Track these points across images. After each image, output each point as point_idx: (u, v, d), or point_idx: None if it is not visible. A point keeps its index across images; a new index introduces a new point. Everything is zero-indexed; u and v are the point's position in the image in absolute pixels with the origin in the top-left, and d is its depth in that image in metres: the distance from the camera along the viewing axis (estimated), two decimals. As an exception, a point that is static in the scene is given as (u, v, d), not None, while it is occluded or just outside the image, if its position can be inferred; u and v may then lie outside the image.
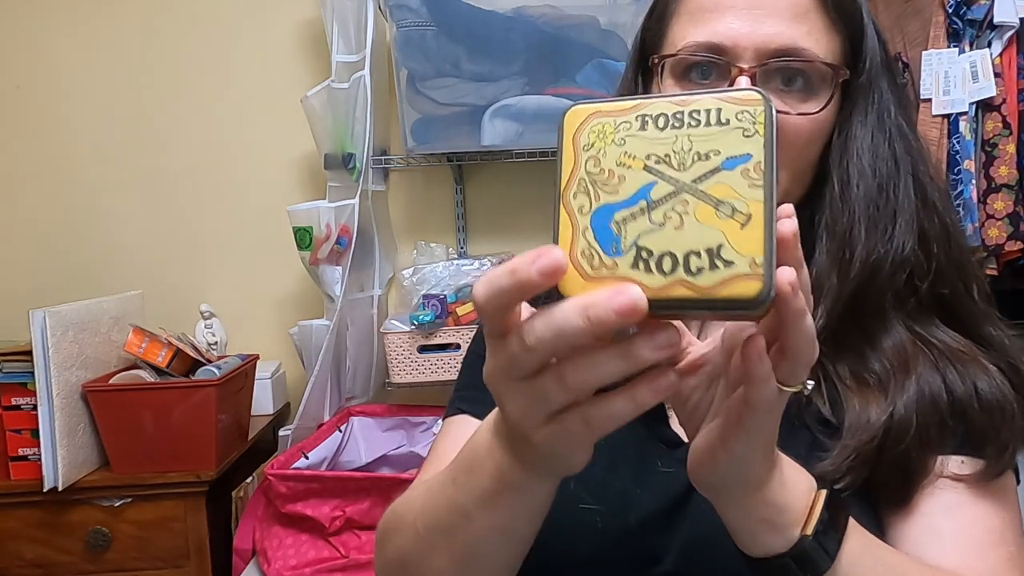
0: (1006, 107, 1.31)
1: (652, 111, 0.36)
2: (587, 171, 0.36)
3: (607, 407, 0.36)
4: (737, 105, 0.35)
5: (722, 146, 0.35)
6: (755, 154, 0.34)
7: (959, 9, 1.33)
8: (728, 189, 0.34)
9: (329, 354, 1.66)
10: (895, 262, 0.60)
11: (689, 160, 0.35)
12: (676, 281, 0.34)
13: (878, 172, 0.61)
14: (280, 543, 1.48)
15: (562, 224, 0.36)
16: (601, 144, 0.36)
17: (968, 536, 0.54)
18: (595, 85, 1.64)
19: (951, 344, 0.59)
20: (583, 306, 0.32)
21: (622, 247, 0.35)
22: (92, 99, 1.98)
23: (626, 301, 0.32)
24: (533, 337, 0.34)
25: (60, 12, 1.96)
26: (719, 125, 0.35)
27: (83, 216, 2.01)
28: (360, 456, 1.78)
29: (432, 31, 1.62)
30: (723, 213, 0.34)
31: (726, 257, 0.33)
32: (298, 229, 1.67)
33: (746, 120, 0.35)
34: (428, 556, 0.51)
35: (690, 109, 0.35)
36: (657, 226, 0.34)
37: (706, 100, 0.35)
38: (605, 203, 0.35)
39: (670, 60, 0.63)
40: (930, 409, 0.56)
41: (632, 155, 0.36)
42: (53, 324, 1.44)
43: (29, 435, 1.50)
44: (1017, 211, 1.30)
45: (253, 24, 1.96)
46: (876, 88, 0.63)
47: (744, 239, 0.33)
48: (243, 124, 1.98)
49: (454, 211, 1.98)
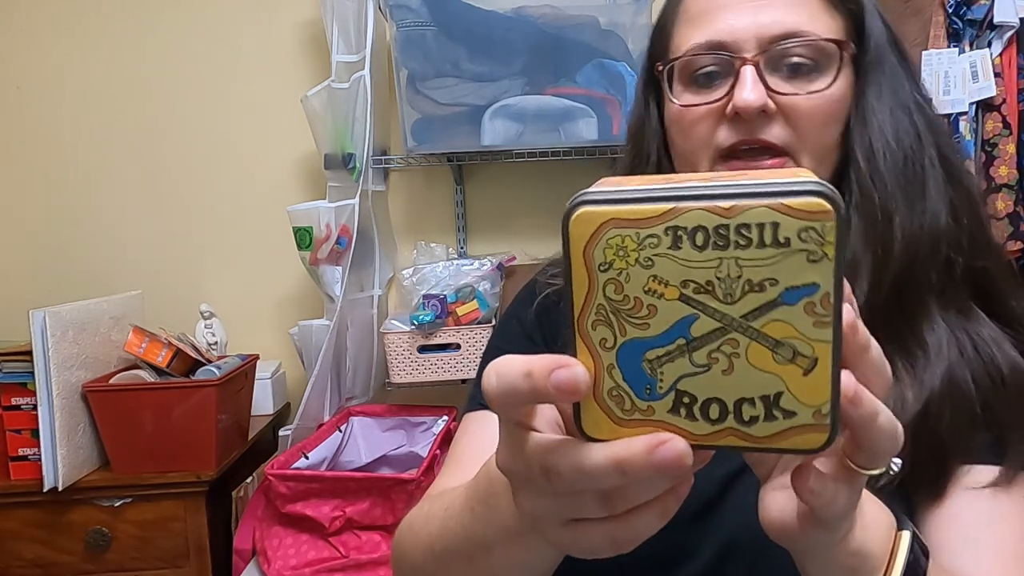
0: (1006, 107, 1.31)
1: (687, 222, 0.28)
2: (607, 297, 0.29)
3: (636, 524, 0.33)
4: (801, 220, 0.27)
5: (781, 274, 0.28)
6: (823, 284, 0.27)
7: (959, 9, 1.33)
8: (788, 328, 0.28)
9: (329, 354, 1.66)
10: (934, 235, 0.59)
11: (738, 291, 0.28)
12: (725, 430, 0.29)
13: (902, 145, 0.60)
14: (280, 543, 1.48)
15: (580, 354, 0.30)
16: (623, 264, 0.29)
17: (1006, 549, 0.54)
18: (595, 85, 1.64)
19: (982, 330, 0.59)
20: (617, 460, 0.29)
21: (658, 390, 0.29)
22: (92, 99, 1.98)
23: (670, 456, 0.28)
24: (557, 479, 0.31)
25: (60, 12, 1.96)
26: (776, 247, 0.27)
27: (83, 216, 2.01)
28: (360, 456, 1.78)
29: (432, 31, 1.62)
30: (782, 357, 0.28)
31: (786, 407, 0.29)
32: (298, 229, 1.67)
33: (812, 240, 0.27)
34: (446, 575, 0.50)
35: (737, 223, 0.28)
36: (701, 369, 0.29)
37: (759, 210, 0.27)
38: (634, 338, 0.29)
39: (676, 64, 0.63)
40: (961, 398, 0.56)
41: (664, 281, 0.29)
42: (53, 324, 1.44)
43: (29, 435, 1.50)
44: (1017, 211, 1.30)
45: (253, 24, 1.96)
46: (886, 63, 0.62)
47: (807, 386, 0.28)
48: (243, 124, 1.98)
49: (454, 211, 1.98)
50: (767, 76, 0.59)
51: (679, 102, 0.63)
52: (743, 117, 0.59)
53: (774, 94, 0.59)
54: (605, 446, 0.30)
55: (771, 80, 0.59)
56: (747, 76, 0.59)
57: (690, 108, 0.62)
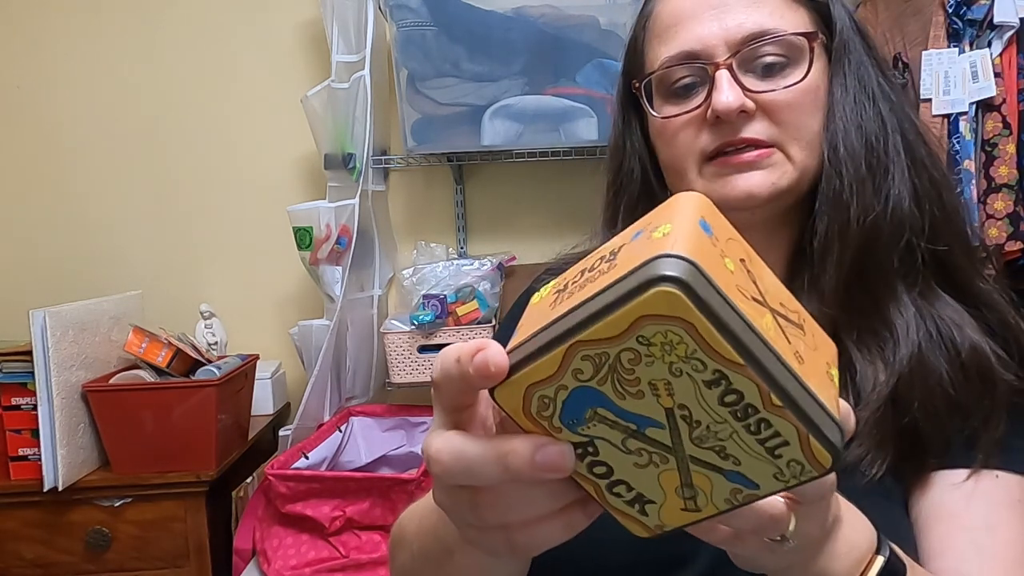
0: (1006, 107, 1.31)
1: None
2: (619, 359, 0.28)
3: (536, 533, 0.33)
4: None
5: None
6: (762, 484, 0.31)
7: (959, 9, 1.33)
8: (706, 483, 0.31)
9: (329, 354, 1.66)
10: (894, 221, 0.60)
11: (709, 441, 0.30)
12: (598, 487, 0.32)
13: (864, 131, 0.61)
14: (280, 543, 1.48)
15: (549, 354, 0.29)
16: (659, 355, 0.28)
17: (1007, 555, 0.55)
18: (595, 85, 1.64)
19: (944, 311, 0.60)
20: (501, 452, 0.30)
21: (578, 429, 0.30)
22: (92, 99, 1.98)
23: (553, 456, 0.29)
24: (438, 467, 0.31)
25: (60, 12, 1.96)
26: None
27: (83, 216, 2.01)
28: (360, 456, 1.78)
29: (432, 31, 1.62)
30: (682, 494, 0.32)
31: (649, 511, 0.32)
32: (298, 229, 1.67)
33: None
34: None
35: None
36: (623, 449, 0.30)
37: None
38: (604, 394, 0.29)
39: (652, 79, 0.65)
40: (932, 378, 0.57)
41: (671, 390, 0.29)
42: (53, 324, 1.44)
43: (29, 435, 1.50)
44: (1017, 211, 1.30)
45: (253, 24, 1.96)
46: (851, 51, 0.63)
47: (681, 514, 0.32)
48: (243, 124, 1.98)
49: (454, 211, 1.98)
50: (741, 77, 0.60)
51: (660, 115, 0.65)
52: (724, 120, 0.60)
53: (751, 94, 0.60)
54: (494, 442, 0.31)
55: (746, 80, 0.61)
56: (723, 80, 0.60)
57: (672, 119, 0.64)
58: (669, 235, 0.28)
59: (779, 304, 0.31)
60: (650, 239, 0.28)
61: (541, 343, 0.29)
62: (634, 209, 0.71)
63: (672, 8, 0.64)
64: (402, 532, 0.56)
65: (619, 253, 0.29)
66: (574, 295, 0.29)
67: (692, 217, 0.29)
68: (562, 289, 0.31)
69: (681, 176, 0.65)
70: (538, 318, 0.30)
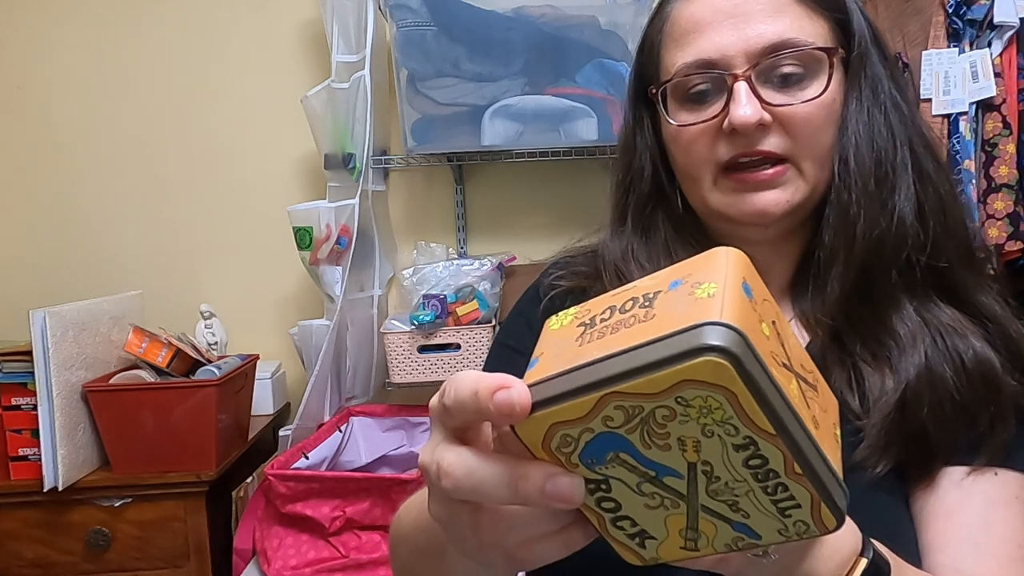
0: (1006, 107, 1.31)
1: None
2: (653, 414, 0.29)
3: (533, 551, 0.34)
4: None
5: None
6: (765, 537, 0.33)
7: (959, 9, 1.33)
8: (711, 529, 0.33)
9: (329, 354, 1.66)
10: (898, 236, 0.60)
11: (723, 494, 0.31)
12: (602, 519, 0.33)
13: (875, 145, 0.61)
14: (280, 543, 1.48)
15: (576, 399, 0.29)
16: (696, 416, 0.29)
17: (1003, 551, 0.56)
18: (595, 85, 1.64)
19: (945, 320, 0.61)
20: (515, 474, 0.30)
21: (595, 467, 0.31)
22: (92, 99, 1.98)
23: (564, 488, 0.30)
24: (449, 481, 0.32)
25: (60, 12, 1.96)
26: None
27: (83, 216, 2.01)
28: (360, 456, 1.78)
29: (432, 31, 1.62)
30: (685, 538, 0.33)
31: (648, 544, 0.33)
32: (298, 229, 1.67)
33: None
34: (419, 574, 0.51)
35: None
36: (637, 492, 0.31)
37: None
38: (631, 441, 0.30)
39: (668, 86, 0.64)
40: (940, 385, 0.58)
41: (697, 447, 0.30)
42: (53, 324, 1.44)
43: (29, 435, 1.50)
44: (1017, 211, 1.30)
45: (253, 24, 1.96)
46: (868, 63, 0.63)
47: (669, 546, 0.34)
48: (243, 124, 1.98)
49: (454, 211, 1.98)
50: (759, 88, 0.60)
51: (675, 122, 0.64)
52: (741, 132, 0.60)
53: (768, 106, 0.60)
54: (509, 466, 0.31)
55: (764, 92, 0.60)
56: (741, 92, 0.59)
57: (687, 127, 0.63)
58: (715, 297, 0.28)
59: (800, 366, 0.32)
60: (693, 297, 0.29)
61: (573, 385, 0.29)
62: (644, 208, 0.70)
63: (691, 13, 0.63)
64: (400, 528, 0.56)
65: (655, 301, 0.30)
66: (605, 337, 0.30)
67: (736, 280, 0.30)
68: (588, 324, 0.32)
69: (696, 184, 0.65)
70: (563, 352, 0.31)
